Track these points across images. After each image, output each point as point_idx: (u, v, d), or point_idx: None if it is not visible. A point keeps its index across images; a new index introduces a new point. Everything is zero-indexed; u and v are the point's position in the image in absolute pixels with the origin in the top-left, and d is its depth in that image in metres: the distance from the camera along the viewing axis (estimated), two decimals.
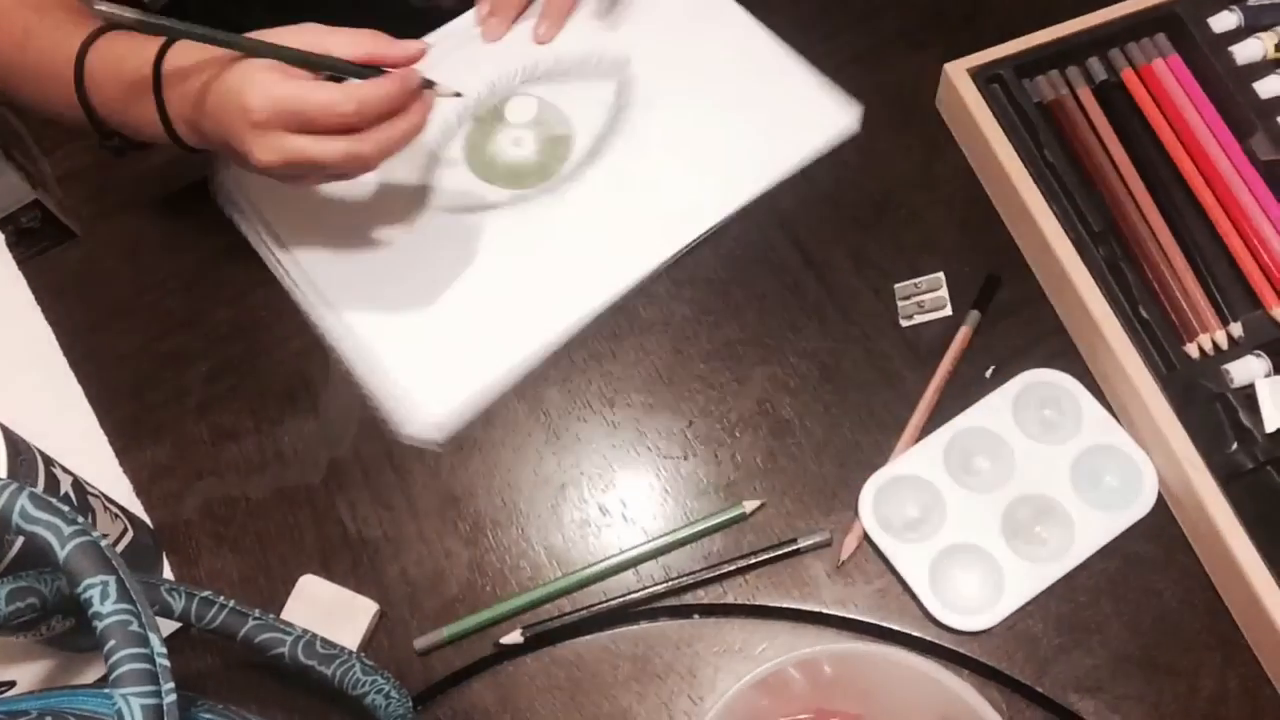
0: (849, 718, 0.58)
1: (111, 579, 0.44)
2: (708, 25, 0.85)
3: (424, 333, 0.75)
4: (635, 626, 0.67)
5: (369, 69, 0.66)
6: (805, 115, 0.81)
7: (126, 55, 0.68)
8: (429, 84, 0.68)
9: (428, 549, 0.70)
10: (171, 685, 0.43)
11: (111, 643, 0.43)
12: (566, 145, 0.80)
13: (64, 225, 1.08)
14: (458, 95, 0.71)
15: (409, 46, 0.67)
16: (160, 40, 0.67)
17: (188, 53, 0.66)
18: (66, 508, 0.45)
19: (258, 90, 0.63)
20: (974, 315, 0.73)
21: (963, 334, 0.72)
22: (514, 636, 0.66)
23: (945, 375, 0.71)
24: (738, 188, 0.78)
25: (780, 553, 0.68)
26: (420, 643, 0.67)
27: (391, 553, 0.70)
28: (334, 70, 0.66)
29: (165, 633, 0.66)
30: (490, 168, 0.81)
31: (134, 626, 0.43)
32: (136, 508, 0.72)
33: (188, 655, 0.68)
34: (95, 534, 0.44)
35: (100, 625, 0.43)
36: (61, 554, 0.43)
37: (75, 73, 0.69)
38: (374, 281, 0.76)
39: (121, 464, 0.73)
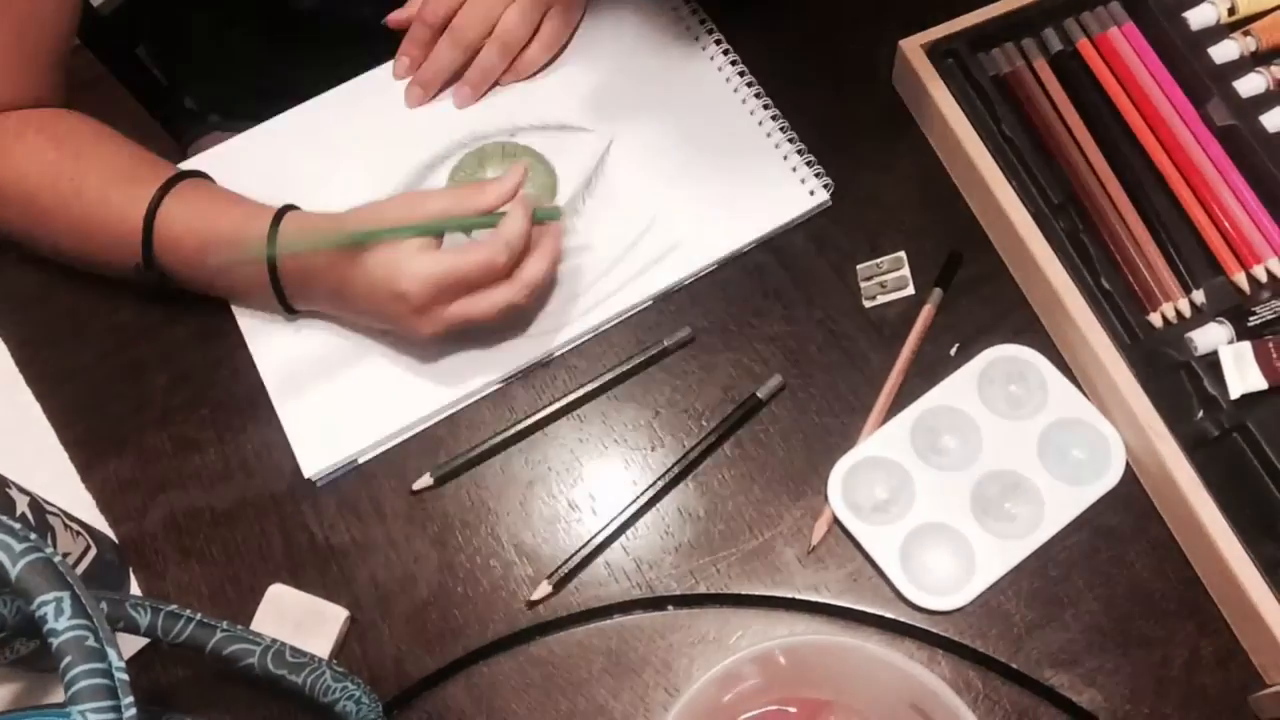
0: (819, 704, 0.57)
1: (65, 595, 0.43)
2: (686, 83, 0.82)
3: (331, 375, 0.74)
4: (608, 621, 0.67)
5: (493, 215, 0.67)
6: (777, 191, 0.77)
7: (220, 220, 0.70)
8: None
9: (396, 553, 0.69)
10: (131, 700, 0.43)
11: (67, 659, 0.42)
12: (550, 194, 0.77)
13: None
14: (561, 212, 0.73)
15: (507, 181, 0.68)
16: (260, 208, 0.69)
17: (298, 223, 0.68)
18: (18, 525, 0.44)
19: (409, 276, 0.64)
20: (936, 293, 0.73)
21: (926, 312, 0.72)
22: (424, 480, 0.68)
23: (910, 356, 0.71)
24: (699, 254, 0.75)
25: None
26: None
27: (360, 558, 0.69)
28: (463, 228, 0.69)
29: (134, 648, 0.66)
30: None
31: (90, 642, 0.43)
32: (100, 523, 0.71)
33: (159, 669, 0.67)
34: (48, 550, 0.43)
35: (55, 642, 0.42)
36: (13, 572, 0.43)
37: (145, 227, 0.69)
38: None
39: (83, 480, 0.72)
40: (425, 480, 0.69)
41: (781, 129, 0.79)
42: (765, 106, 0.80)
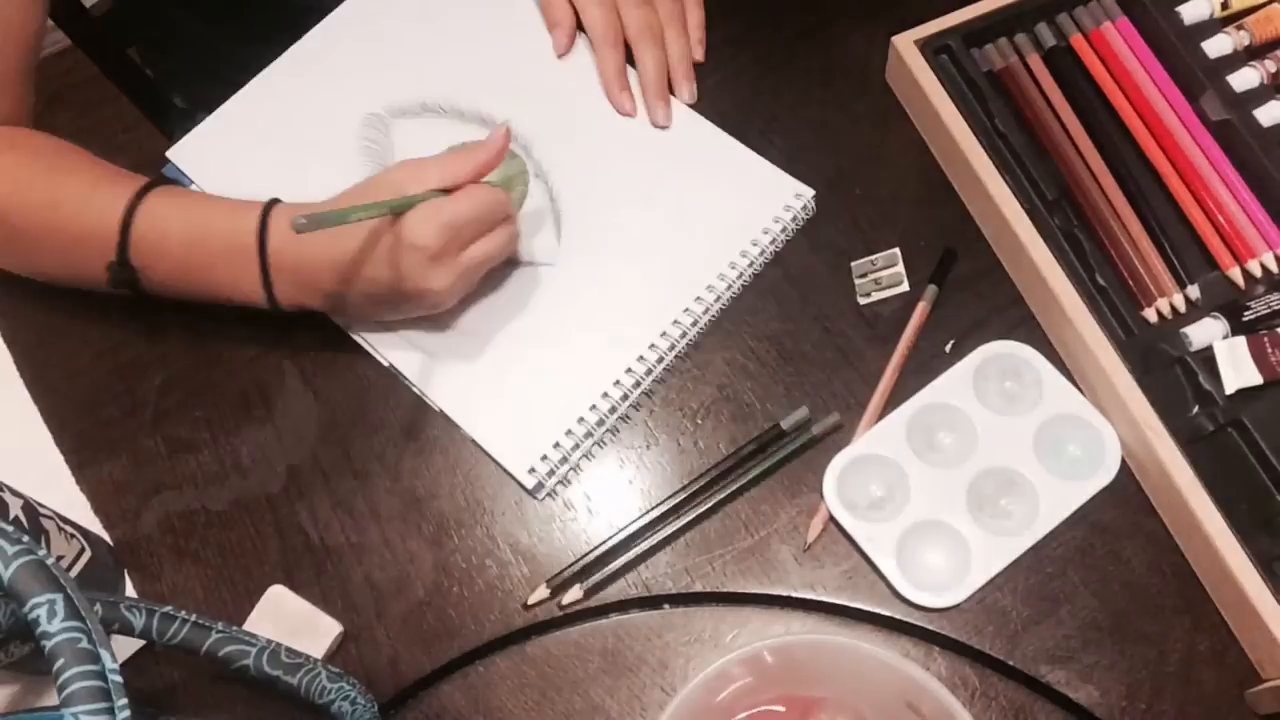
0: (810, 702, 0.57)
1: (59, 597, 0.43)
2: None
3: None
4: (605, 620, 0.67)
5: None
6: (757, 200, 0.76)
7: (205, 219, 0.69)
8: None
9: (392, 553, 0.69)
10: (125, 702, 0.42)
11: (60, 661, 0.42)
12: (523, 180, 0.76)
13: None
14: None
15: (495, 139, 0.68)
16: (247, 204, 0.69)
17: (288, 212, 0.68)
18: (10, 528, 0.44)
19: (421, 223, 0.64)
20: (931, 290, 0.73)
21: (920, 310, 0.72)
22: (574, 593, 0.66)
23: (905, 352, 0.71)
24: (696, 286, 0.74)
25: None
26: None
27: (355, 558, 0.69)
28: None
29: (130, 650, 0.66)
30: None
31: (83, 644, 0.43)
32: (95, 525, 0.71)
33: (154, 670, 0.67)
34: (41, 553, 0.43)
35: (49, 644, 0.42)
36: (6, 574, 0.43)
37: (122, 224, 0.68)
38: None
39: (78, 482, 0.72)
40: (576, 594, 0.67)
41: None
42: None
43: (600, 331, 0.73)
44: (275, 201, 0.69)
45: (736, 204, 0.76)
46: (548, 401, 0.72)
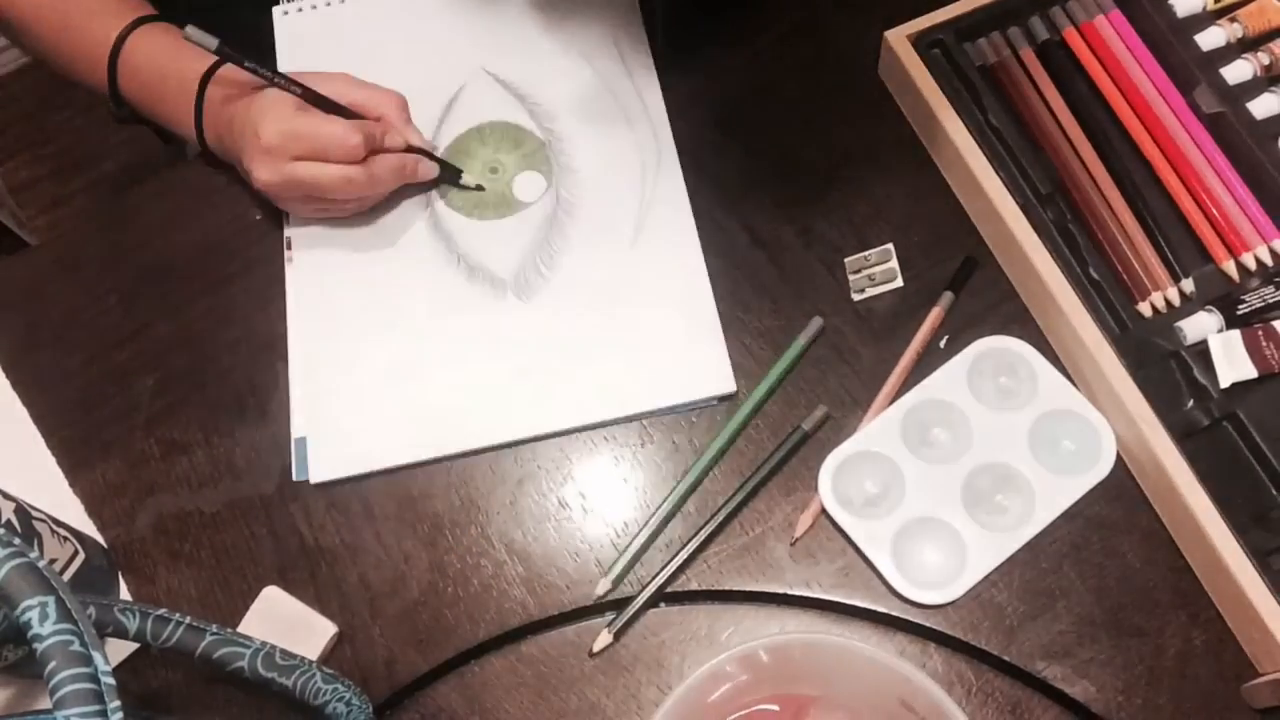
0: (803, 701, 0.57)
1: (50, 599, 0.43)
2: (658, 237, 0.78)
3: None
4: (600, 618, 0.67)
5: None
6: (693, 369, 0.73)
7: (170, 59, 0.76)
8: (444, 165, 0.78)
9: (386, 553, 0.69)
10: (118, 704, 0.42)
11: (52, 664, 0.42)
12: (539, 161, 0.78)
13: (16, 235, 1.07)
14: (475, 189, 0.79)
15: (409, 134, 0.76)
16: (208, 59, 0.74)
17: (231, 75, 0.74)
18: (2, 531, 0.44)
19: (272, 118, 0.70)
20: (947, 296, 0.72)
21: (934, 315, 0.71)
22: (604, 638, 0.66)
23: (914, 357, 0.71)
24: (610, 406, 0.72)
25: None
26: None
27: (350, 559, 0.69)
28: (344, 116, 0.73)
29: (124, 653, 0.66)
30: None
31: (75, 646, 0.42)
32: (89, 528, 0.71)
33: (149, 673, 0.67)
34: (32, 555, 0.43)
35: (40, 647, 0.42)
36: None
37: (110, 60, 0.76)
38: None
39: (71, 484, 0.72)
40: (605, 639, 0.66)
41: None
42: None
43: (473, 390, 0.73)
44: (223, 61, 0.74)
45: (670, 365, 0.73)
46: (399, 425, 0.72)
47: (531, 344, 0.74)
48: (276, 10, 0.86)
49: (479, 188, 0.79)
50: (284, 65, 0.84)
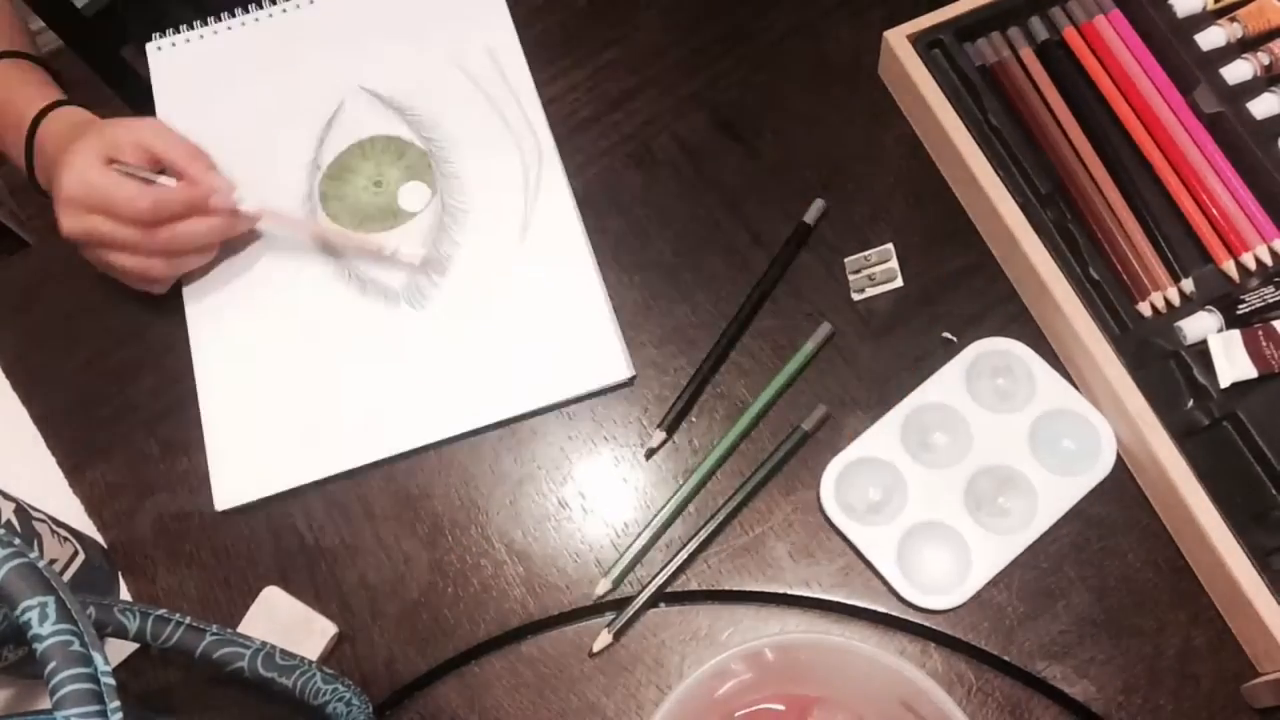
0: (807, 701, 0.57)
1: (50, 599, 0.43)
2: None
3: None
4: (600, 618, 0.67)
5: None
6: (589, 358, 0.73)
7: (14, 95, 0.76)
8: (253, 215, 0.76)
9: (386, 554, 0.69)
10: (117, 704, 0.42)
11: (52, 664, 0.42)
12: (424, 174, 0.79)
13: (17, 235, 1.06)
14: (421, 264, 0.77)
15: (220, 186, 0.73)
16: (50, 98, 0.76)
17: (62, 118, 0.75)
18: (2, 531, 0.44)
19: (71, 171, 0.69)
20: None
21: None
22: (604, 638, 0.66)
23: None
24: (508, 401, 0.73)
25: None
26: None
27: (350, 559, 0.69)
28: (146, 178, 0.72)
29: (124, 653, 0.66)
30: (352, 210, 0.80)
31: (75, 647, 0.42)
32: (89, 528, 0.71)
33: (149, 673, 0.67)
34: (32, 555, 0.43)
35: (40, 647, 0.42)
36: None
37: None
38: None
39: (71, 484, 0.72)
40: (605, 639, 0.66)
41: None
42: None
43: (400, 391, 0.73)
44: (59, 104, 0.76)
45: (565, 352, 0.74)
46: (304, 443, 0.72)
47: (429, 350, 0.74)
48: (150, 46, 0.87)
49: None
50: (161, 100, 0.85)
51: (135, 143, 0.72)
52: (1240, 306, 0.67)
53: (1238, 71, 0.73)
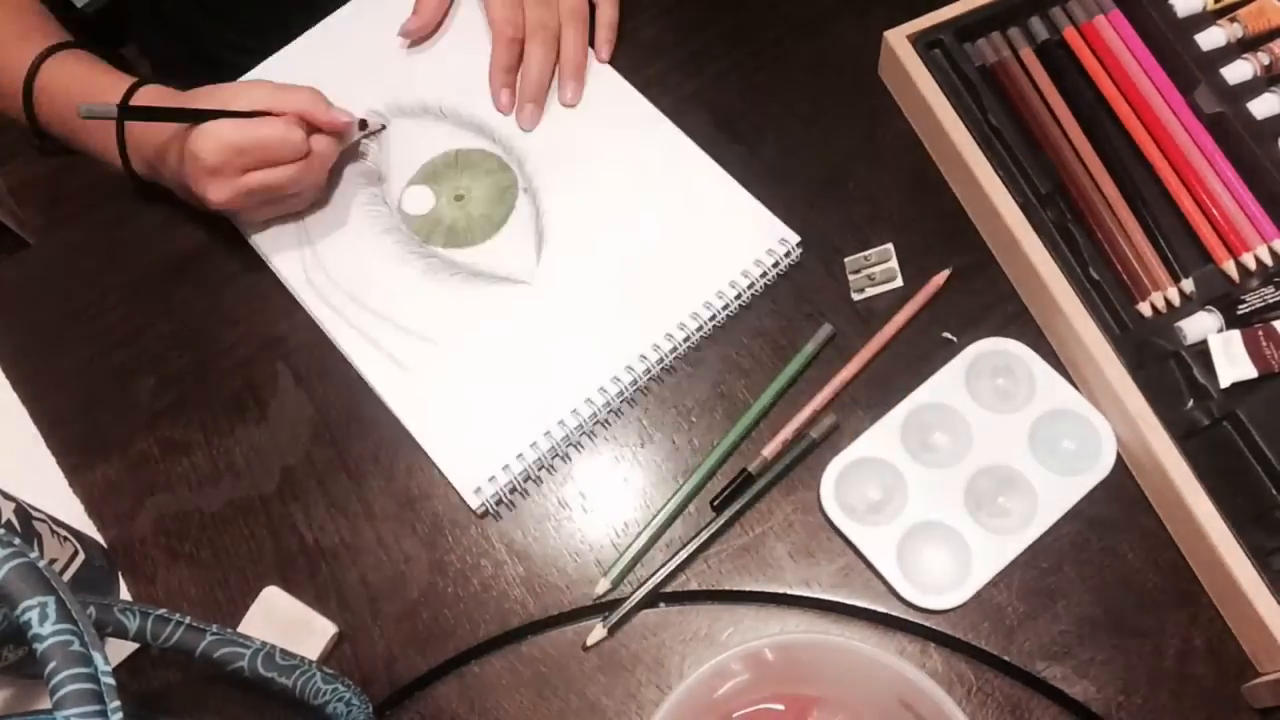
0: (807, 701, 0.57)
1: (50, 599, 0.43)
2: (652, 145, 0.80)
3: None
4: (599, 618, 0.67)
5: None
6: (746, 235, 0.75)
7: (89, 86, 0.75)
8: (363, 124, 0.78)
9: (386, 553, 0.69)
10: (118, 704, 0.42)
11: (53, 664, 0.42)
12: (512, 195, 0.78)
13: (17, 235, 1.06)
14: (383, 128, 0.80)
15: (337, 116, 0.74)
16: (128, 82, 0.74)
17: (152, 98, 0.73)
18: (2, 531, 0.44)
19: (205, 137, 0.69)
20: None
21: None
22: (598, 633, 0.66)
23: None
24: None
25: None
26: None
27: (350, 559, 0.69)
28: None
29: (124, 653, 0.66)
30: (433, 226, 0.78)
31: (75, 646, 0.42)
32: (89, 528, 0.71)
33: (149, 673, 0.67)
34: (32, 555, 0.43)
35: (40, 647, 0.42)
36: None
37: (25, 88, 0.76)
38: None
39: (71, 484, 0.72)
40: (599, 634, 0.66)
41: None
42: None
43: (568, 357, 0.73)
44: (141, 83, 0.74)
45: (721, 242, 0.75)
46: (504, 421, 0.71)
47: (582, 296, 0.74)
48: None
49: (382, 128, 0.80)
50: None
51: (250, 101, 0.71)
52: (1240, 306, 0.67)
53: (1238, 71, 0.73)
